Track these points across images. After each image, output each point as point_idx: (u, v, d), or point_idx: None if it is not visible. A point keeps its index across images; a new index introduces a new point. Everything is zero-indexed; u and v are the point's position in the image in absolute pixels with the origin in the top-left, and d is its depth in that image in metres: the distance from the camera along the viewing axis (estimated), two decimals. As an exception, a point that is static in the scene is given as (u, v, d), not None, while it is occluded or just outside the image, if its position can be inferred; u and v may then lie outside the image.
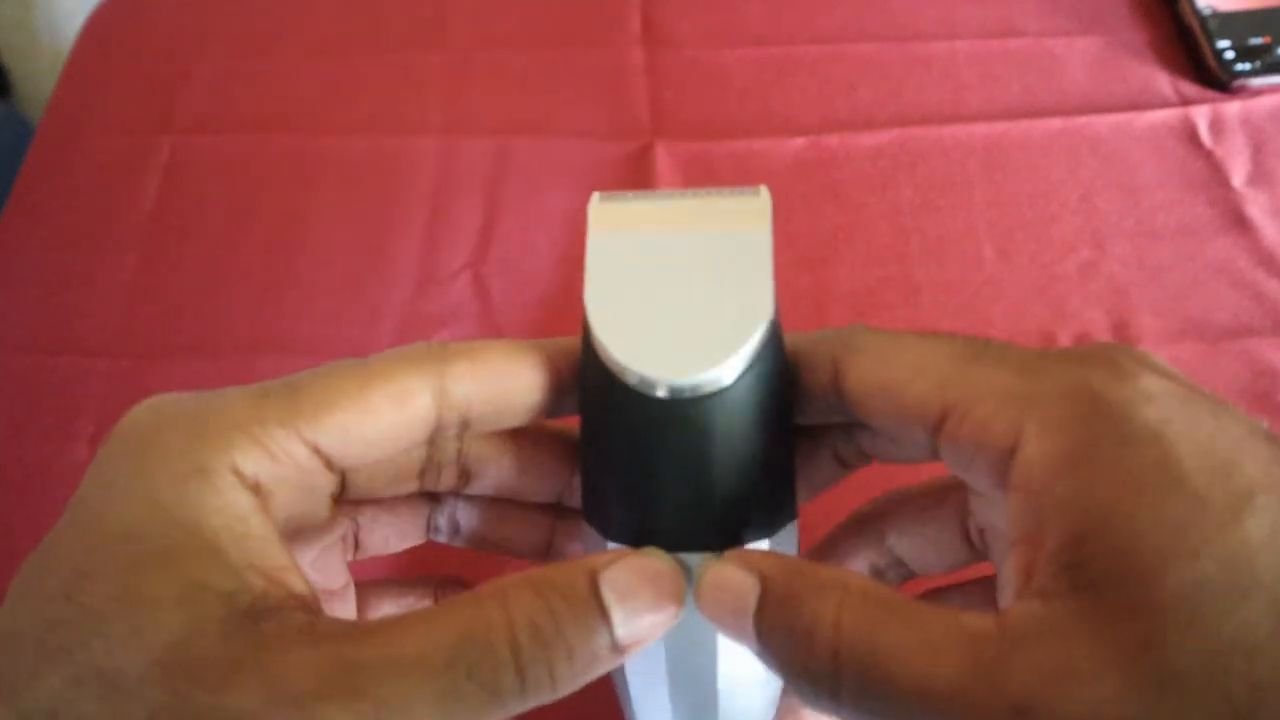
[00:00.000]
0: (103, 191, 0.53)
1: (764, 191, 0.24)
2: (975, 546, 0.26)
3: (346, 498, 0.26)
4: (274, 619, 0.18)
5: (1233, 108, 0.52)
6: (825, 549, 0.28)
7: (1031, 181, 0.50)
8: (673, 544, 0.22)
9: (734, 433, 0.22)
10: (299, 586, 0.20)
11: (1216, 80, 0.53)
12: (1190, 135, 0.52)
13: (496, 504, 0.28)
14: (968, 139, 0.52)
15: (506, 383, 0.23)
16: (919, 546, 0.27)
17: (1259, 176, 0.50)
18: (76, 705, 0.17)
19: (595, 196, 0.24)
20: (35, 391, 0.46)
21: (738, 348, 0.21)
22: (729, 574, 0.21)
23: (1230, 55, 0.52)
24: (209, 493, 0.19)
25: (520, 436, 0.27)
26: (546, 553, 0.28)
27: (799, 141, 0.52)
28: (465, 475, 0.27)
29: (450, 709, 0.18)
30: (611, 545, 0.23)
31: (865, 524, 0.28)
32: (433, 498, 0.28)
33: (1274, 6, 0.54)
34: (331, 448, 0.21)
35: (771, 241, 0.23)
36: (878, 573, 0.28)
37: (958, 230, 0.49)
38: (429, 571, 0.30)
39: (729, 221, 0.23)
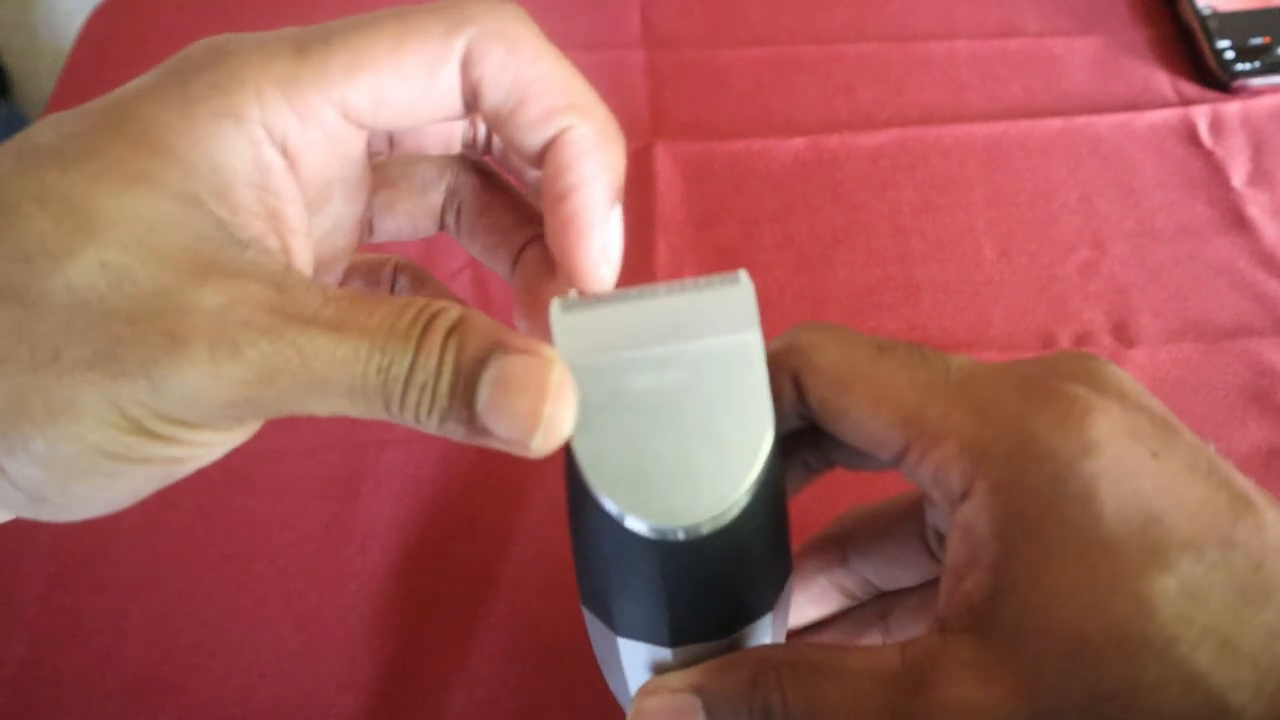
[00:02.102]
0: (103, 191, 0.53)
1: (744, 278, 0.22)
2: (936, 557, 0.27)
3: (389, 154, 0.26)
4: (253, 252, 0.19)
5: (1233, 108, 0.52)
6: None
7: (1031, 181, 0.50)
8: (681, 639, 0.23)
9: (742, 547, 0.22)
10: (299, 247, 0.21)
11: (1216, 80, 0.53)
12: (1190, 135, 0.52)
13: (493, 210, 0.27)
14: (968, 139, 0.52)
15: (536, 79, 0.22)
16: (883, 565, 0.28)
17: (1259, 176, 0.50)
18: (26, 213, 0.18)
19: (555, 305, 0.22)
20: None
21: (747, 476, 0.20)
22: (666, 701, 0.23)
23: (1230, 55, 0.52)
24: (238, 138, 0.20)
25: None
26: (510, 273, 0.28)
27: (799, 141, 0.52)
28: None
29: (354, 404, 0.19)
30: (621, 640, 0.23)
31: (827, 547, 0.28)
32: (451, 190, 0.27)
33: (1274, 6, 0.54)
34: (361, 114, 0.21)
35: (763, 342, 0.21)
36: (846, 593, 0.29)
37: (958, 230, 0.49)
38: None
39: (712, 325, 0.21)
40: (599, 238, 0.22)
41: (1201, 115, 0.52)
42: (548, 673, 0.37)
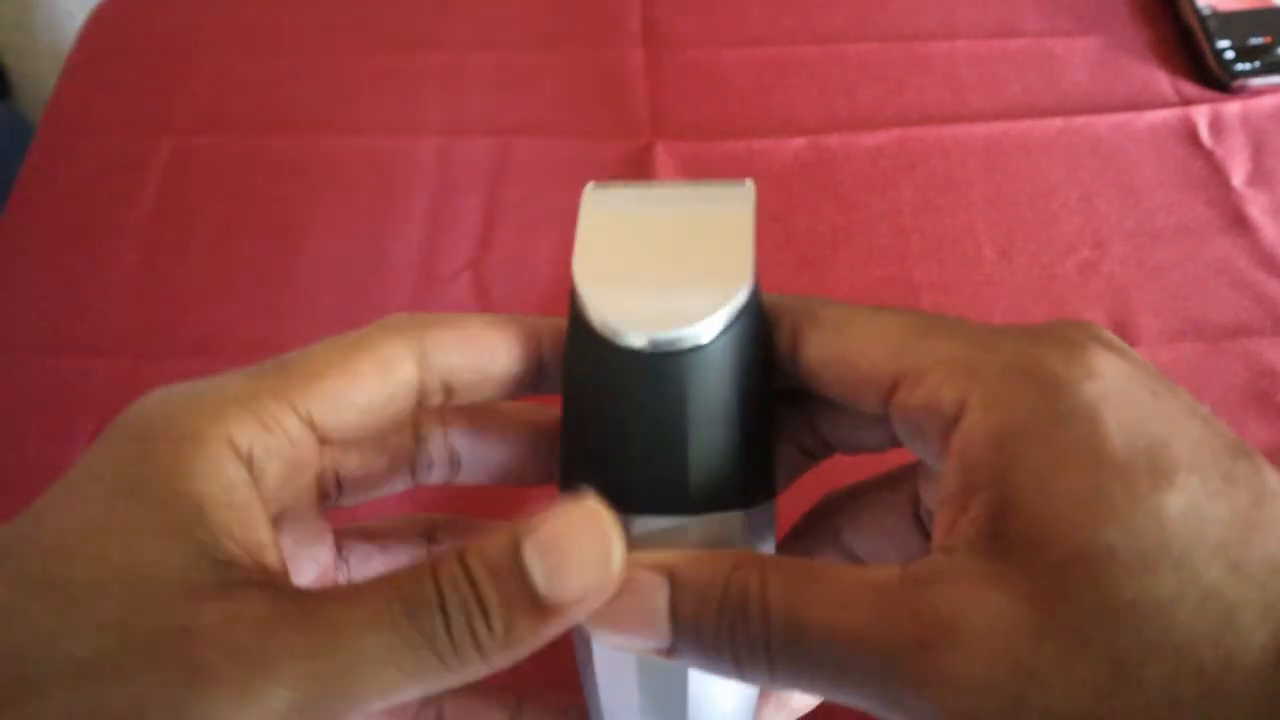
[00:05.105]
0: (103, 191, 0.53)
1: (749, 183, 0.25)
2: (928, 533, 0.26)
3: (340, 501, 0.26)
4: (238, 570, 0.19)
5: (1233, 108, 0.52)
6: (780, 552, 0.28)
7: (1031, 181, 0.50)
8: (647, 507, 0.22)
9: (711, 393, 0.22)
10: (272, 563, 0.21)
11: (1216, 80, 0.53)
12: (1190, 135, 0.52)
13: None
14: (968, 139, 0.52)
15: (486, 350, 0.24)
16: (874, 539, 0.27)
17: (1259, 176, 0.50)
18: (20, 606, 0.18)
19: (590, 185, 0.25)
20: (36, 391, 0.46)
21: (717, 308, 0.22)
22: (631, 576, 0.21)
23: (1230, 55, 0.52)
24: (201, 459, 0.20)
25: (505, 417, 0.27)
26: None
27: (799, 141, 0.52)
28: (455, 463, 0.27)
29: (403, 667, 0.19)
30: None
31: (818, 523, 0.28)
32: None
33: (1274, 6, 0.54)
34: (324, 417, 0.22)
35: (754, 219, 0.24)
36: None
37: (958, 230, 0.49)
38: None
39: (714, 203, 0.24)
40: None
41: (1201, 115, 0.52)
42: (547, 673, 0.37)
